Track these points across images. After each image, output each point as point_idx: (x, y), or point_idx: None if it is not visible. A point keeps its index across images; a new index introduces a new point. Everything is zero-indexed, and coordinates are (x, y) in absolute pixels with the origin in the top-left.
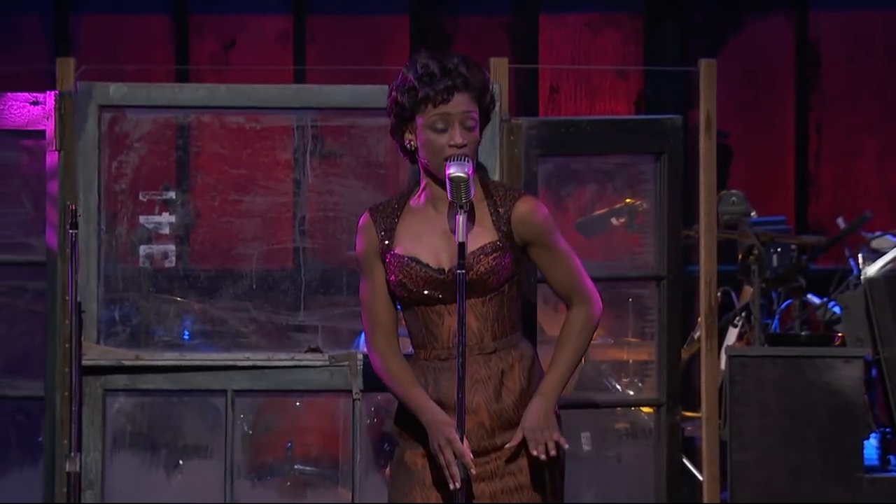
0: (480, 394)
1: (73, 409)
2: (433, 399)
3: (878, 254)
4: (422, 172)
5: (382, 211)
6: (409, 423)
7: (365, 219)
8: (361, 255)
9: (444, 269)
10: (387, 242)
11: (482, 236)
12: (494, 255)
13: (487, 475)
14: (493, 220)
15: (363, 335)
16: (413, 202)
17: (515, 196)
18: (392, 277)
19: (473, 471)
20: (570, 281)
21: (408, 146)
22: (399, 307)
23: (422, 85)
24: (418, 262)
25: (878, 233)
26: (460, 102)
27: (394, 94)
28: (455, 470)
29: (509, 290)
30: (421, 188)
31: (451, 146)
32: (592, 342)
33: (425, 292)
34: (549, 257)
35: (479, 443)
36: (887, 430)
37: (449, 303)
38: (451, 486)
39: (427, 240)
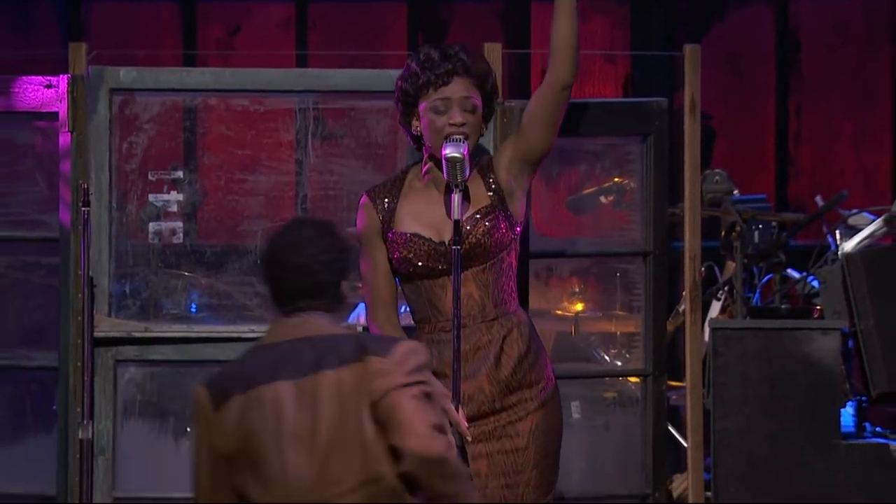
0: (482, 360)
1: (86, 378)
2: (437, 370)
3: (855, 230)
4: (425, 156)
5: (381, 192)
6: None
7: (365, 201)
8: (362, 233)
9: (444, 242)
10: (388, 222)
11: (476, 202)
12: (489, 217)
13: (485, 436)
14: (484, 187)
15: (359, 307)
16: (414, 183)
17: (489, 157)
18: (396, 254)
19: (469, 438)
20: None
21: (414, 133)
22: (400, 286)
23: (423, 70)
24: (420, 237)
25: (854, 210)
26: (460, 86)
27: (399, 83)
28: (451, 438)
29: (507, 258)
30: (423, 171)
31: (450, 125)
32: (581, 315)
33: (429, 265)
34: (530, 123)
35: (479, 407)
36: (863, 398)
37: (451, 274)
38: None
39: (428, 217)
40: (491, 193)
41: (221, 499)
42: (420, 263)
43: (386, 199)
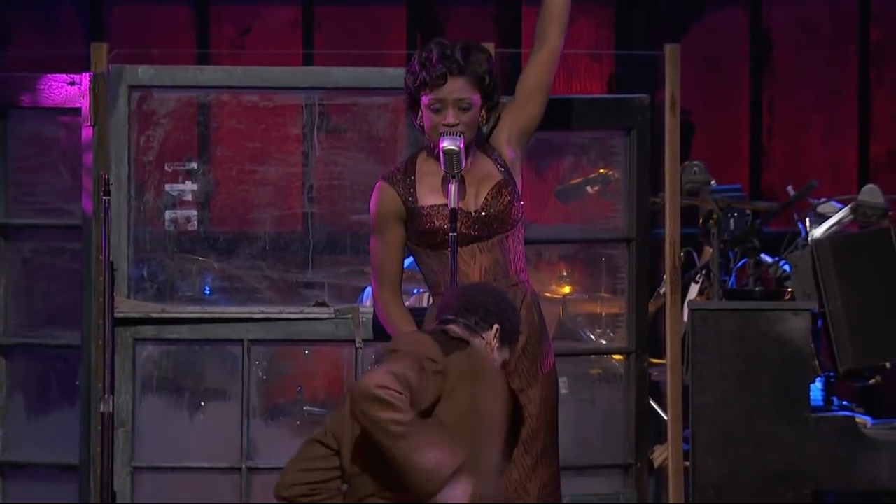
0: None
1: (107, 356)
2: None
3: (824, 218)
4: (431, 144)
5: (397, 175)
6: None
7: (382, 184)
8: (377, 216)
9: (471, 212)
10: (413, 200)
11: (492, 178)
12: (507, 188)
13: None
14: (493, 164)
15: (366, 291)
16: (426, 166)
17: (485, 140)
18: (428, 225)
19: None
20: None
21: (419, 124)
22: (422, 260)
23: (421, 69)
24: (446, 206)
25: (823, 199)
26: (454, 86)
27: (405, 77)
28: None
29: (521, 228)
30: (428, 156)
31: (444, 125)
32: (569, 297)
33: (461, 231)
34: (526, 92)
35: None
36: (831, 374)
37: (482, 240)
38: None
39: (446, 191)
40: (501, 168)
41: None
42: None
43: (405, 181)
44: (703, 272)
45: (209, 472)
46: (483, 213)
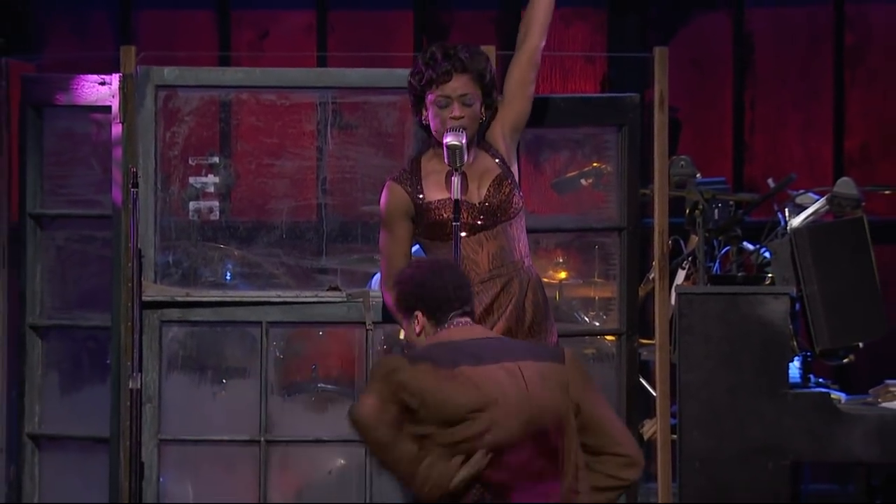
0: (513, 303)
1: (135, 337)
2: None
3: (801, 208)
4: (435, 141)
5: (404, 174)
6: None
7: (391, 184)
8: (386, 212)
9: (475, 204)
10: (421, 196)
11: (492, 171)
12: (507, 180)
13: None
14: (491, 159)
15: (375, 276)
16: (430, 164)
17: (481, 138)
18: (436, 218)
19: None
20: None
21: (423, 122)
22: (430, 252)
23: (427, 68)
24: (455, 200)
25: (801, 191)
26: (459, 83)
27: (409, 78)
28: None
29: (522, 217)
30: (433, 154)
31: (451, 118)
32: (565, 282)
33: (468, 222)
34: (513, 88)
35: None
36: (808, 353)
37: (488, 228)
38: None
39: (450, 184)
40: (499, 161)
41: None
42: (461, 221)
43: (412, 179)
44: (690, 259)
45: (230, 445)
46: (487, 204)
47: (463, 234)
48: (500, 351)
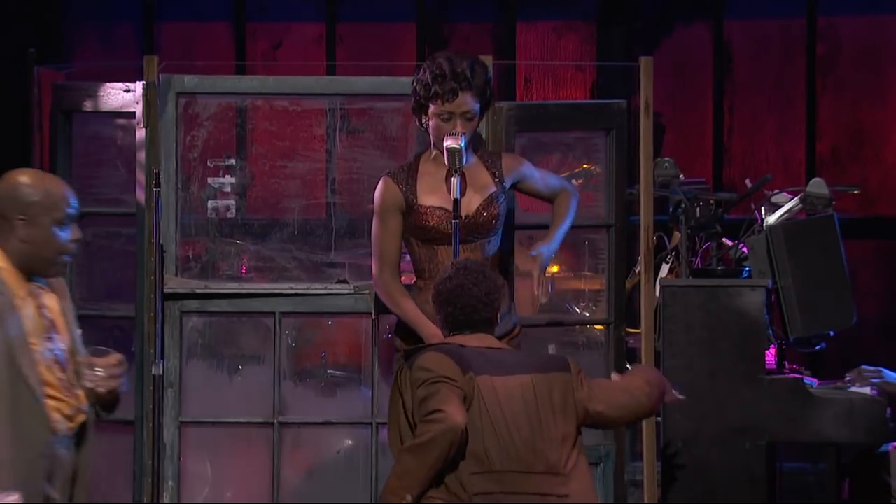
0: None
1: (157, 326)
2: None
3: (777, 207)
4: (432, 144)
5: (400, 173)
6: (408, 336)
7: (386, 179)
8: (381, 206)
9: (461, 217)
10: (412, 197)
11: (488, 189)
12: (498, 201)
13: None
14: (491, 178)
15: None
16: (426, 167)
17: (497, 156)
18: (425, 223)
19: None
20: (553, 186)
21: (423, 124)
22: (411, 247)
23: (434, 83)
24: (444, 209)
25: (776, 191)
26: (463, 101)
27: (414, 83)
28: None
29: (500, 234)
30: (431, 156)
31: (450, 135)
32: (557, 275)
33: (449, 233)
34: (537, 182)
35: None
36: (782, 341)
37: (468, 242)
38: None
39: (443, 193)
40: (496, 180)
41: None
42: (446, 231)
43: (406, 178)
44: (673, 254)
45: (246, 426)
46: (473, 220)
47: (444, 245)
48: (512, 363)
